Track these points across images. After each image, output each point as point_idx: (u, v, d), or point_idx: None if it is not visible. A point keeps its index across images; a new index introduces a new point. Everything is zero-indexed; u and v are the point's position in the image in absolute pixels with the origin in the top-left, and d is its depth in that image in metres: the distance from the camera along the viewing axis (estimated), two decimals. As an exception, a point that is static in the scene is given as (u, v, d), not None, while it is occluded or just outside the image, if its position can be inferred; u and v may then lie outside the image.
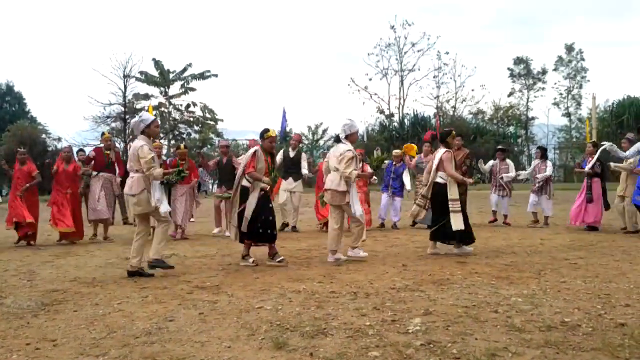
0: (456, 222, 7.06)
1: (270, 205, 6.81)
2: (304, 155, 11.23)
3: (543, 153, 11.63)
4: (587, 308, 4.25)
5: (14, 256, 7.90)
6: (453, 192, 7.13)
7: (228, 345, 3.49)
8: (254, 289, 5.21)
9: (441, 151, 7.32)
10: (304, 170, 10.86)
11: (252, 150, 6.76)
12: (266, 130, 6.85)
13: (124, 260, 6.73)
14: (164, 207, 6.04)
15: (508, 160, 11.79)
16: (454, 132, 7.70)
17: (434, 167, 7.33)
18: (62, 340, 3.67)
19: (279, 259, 6.69)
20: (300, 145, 11.94)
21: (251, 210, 6.56)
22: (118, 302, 4.74)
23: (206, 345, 3.50)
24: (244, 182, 6.70)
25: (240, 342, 3.54)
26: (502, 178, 11.36)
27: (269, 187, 6.71)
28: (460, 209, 7.12)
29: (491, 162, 11.80)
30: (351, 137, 7.03)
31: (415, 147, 12.02)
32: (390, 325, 3.85)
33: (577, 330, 3.66)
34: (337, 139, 7.16)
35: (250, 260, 6.70)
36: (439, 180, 7.27)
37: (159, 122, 6.48)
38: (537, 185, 11.10)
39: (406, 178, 11.10)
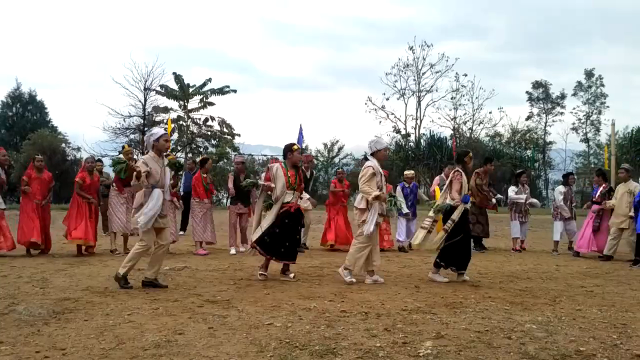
0: (418, 237, 6.89)
1: (293, 223, 6.75)
2: (315, 176, 11.30)
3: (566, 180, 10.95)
4: (602, 337, 4.16)
5: (28, 263, 7.96)
6: (456, 214, 6.71)
7: (236, 361, 3.46)
8: (265, 305, 5.19)
9: (452, 171, 7.02)
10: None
11: (273, 167, 6.82)
12: (292, 144, 6.91)
13: (136, 271, 6.73)
14: (141, 221, 5.85)
15: (526, 185, 11.38)
16: (470, 154, 7.20)
17: (445, 188, 7.03)
18: (72, 349, 3.67)
19: (291, 275, 6.74)
20: (314, 163, 12.03)
21: (269, 222, 6.60)
22: (129, 313, 4.74)
23: (214, 360, 3.48)
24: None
25: (248, 359, 3.51)
26: (530, 204, 11.00)
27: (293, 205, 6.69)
28: (447, 232, 6.67)
29: (514, 188, 11.07)
30: (378, 154, 6.71)
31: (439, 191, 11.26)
32: (401, 348, 3.80)
33: (592, 360, 3.58)
34: (366, 158, 7.03)
35: (263, 274, 6.74)
36: (450, 202, 6.81)
37: (169, 137, 6.48)
38: (570, 212, 10.59)
39: (420, 192, 11.03)
